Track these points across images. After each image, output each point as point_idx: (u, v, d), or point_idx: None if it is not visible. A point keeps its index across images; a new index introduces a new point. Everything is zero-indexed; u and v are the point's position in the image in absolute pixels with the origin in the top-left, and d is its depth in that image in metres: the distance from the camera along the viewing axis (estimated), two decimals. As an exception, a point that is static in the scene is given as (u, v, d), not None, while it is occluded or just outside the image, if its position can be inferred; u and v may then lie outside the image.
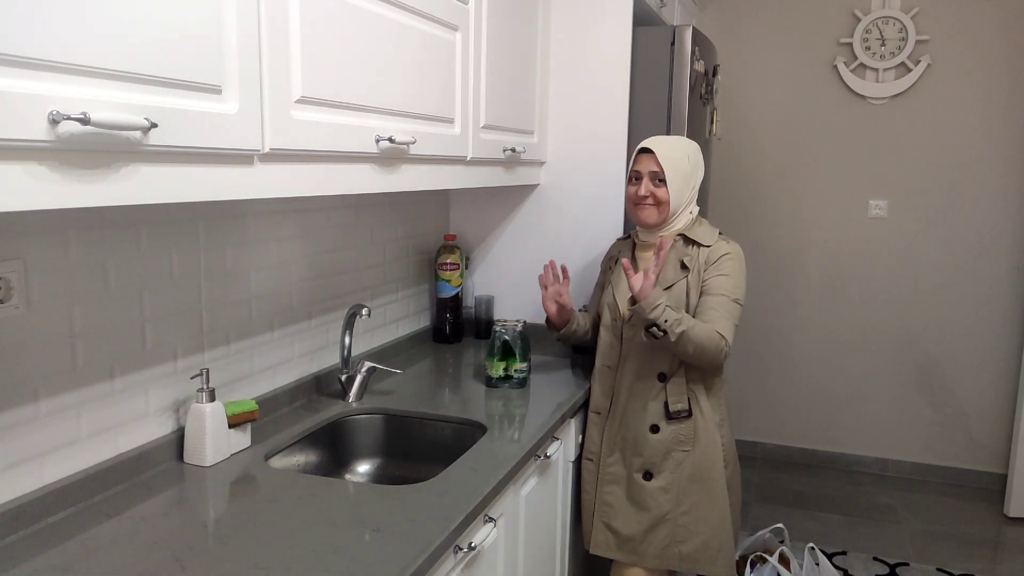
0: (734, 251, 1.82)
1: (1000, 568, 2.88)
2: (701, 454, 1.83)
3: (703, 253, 1.82)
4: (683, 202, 1.84)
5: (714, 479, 1.84)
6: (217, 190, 1.07)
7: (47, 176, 0.82)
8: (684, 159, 1.83)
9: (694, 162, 1.86)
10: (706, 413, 1.84)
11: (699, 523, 1.84)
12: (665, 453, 1.85)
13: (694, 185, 1.86)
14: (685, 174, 1.82)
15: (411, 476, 1.73)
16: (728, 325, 1.74)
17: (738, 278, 1.80)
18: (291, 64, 1.19)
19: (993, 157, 3.42)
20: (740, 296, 1.79)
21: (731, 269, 1.79)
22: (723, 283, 1.77)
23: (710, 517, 1.85)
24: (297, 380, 1.82)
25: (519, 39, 2.12)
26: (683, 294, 1.80)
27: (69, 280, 1.23)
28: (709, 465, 1.84)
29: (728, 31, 3.70)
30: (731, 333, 1.74)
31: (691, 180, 1.84)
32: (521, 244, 2.51)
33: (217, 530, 1.19)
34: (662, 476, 1.85)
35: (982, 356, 3.54)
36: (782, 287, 3.79)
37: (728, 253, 1.81)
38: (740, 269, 1.81)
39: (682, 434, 1.84)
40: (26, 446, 1.18)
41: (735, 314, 1.77)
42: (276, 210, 1.73)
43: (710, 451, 1.84)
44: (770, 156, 3.73)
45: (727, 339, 1.72)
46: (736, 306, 1.77)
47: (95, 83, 0.86)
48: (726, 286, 1.77)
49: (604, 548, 1.92)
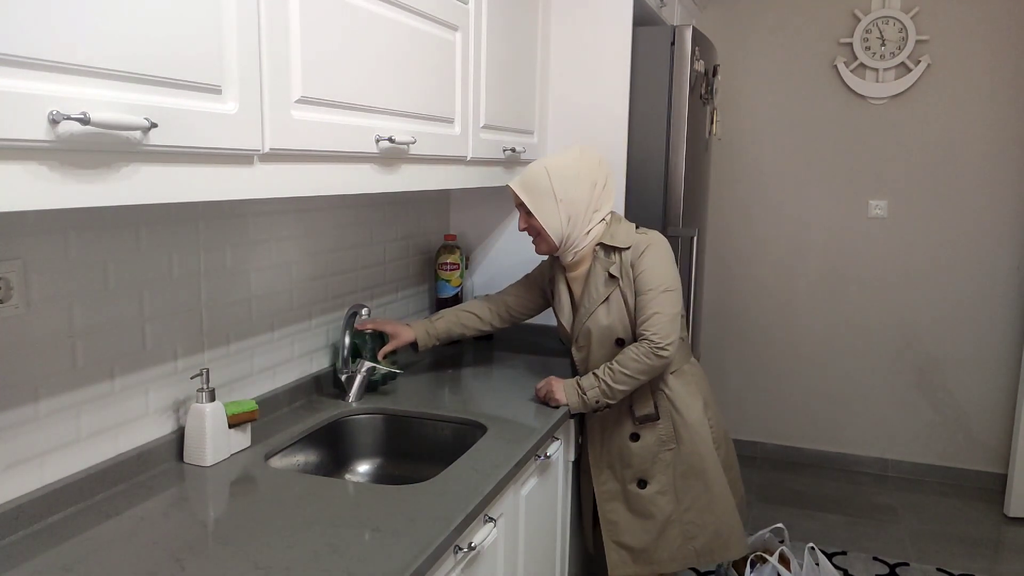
0: (651, 241, 1.79)
1: (1000, 568, 2.88)
2: (688, 448, 1.84)
3: (626, 256, 1.79)
4: (571, 220, 1.78)
5: (708, 469, 1.85)
6: (217, 190, 1.07)
7: (47, 176, 0.82)
8: (541, 178, 1.77)
9: (560, 174, 1.77)
10: (681, 406, 1.84)
11: (705, 515, 1.86)
12: (652, 457, 1.84)
13: (575, 196, 1.77)
14: (550, 192, 1.76)
15: (411, 476, 1.73)
16: (660, 319, 1.72)
17: (662, 267, 1.76)
18: (291, 64, 1.19)
19: (993, 157, 3.42)
20: (668, 283, 1.76)
21: (651, 261, 1.76)
22: (648, 278, 1.76)
23: (714, 507, 1.86)
24: (297, 380, 1.82)
25: (519, 39, 2.12)
26: (621, 304, 1.80)
27: (69, 280, 1.23)
28: (699, 457, 1.84)
29: (728, 31, 3.70)
30: (665, 325, 1.72)
31: (568, 192, 1.76)
32: (521, 244, 2.51)
33: (217, 530, 1.19)
34: (656, 481, 1.85)
35: (982, 356, 3.54)
36: (782, 287, 3.79)
37: (647, 247, 1.78)
38: (661, 256, 1.77)
39: (663, 435, 1.85)
40: (26, 446, 1.18)
41: (668, 302, 1.74)
42: (276, 210, 1.73)
43: (696, 442, 1.84)
44: (770, 156, 3.73)
45: (656, 339, 1.71)
46: (666, 295, 1.75)
47: (95, 83, 0.86)
48: (652, 280, 1.75)
49: (622, 567, 1.91)
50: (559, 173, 1.78)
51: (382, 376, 1.93)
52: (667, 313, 1.73)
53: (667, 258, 1.79)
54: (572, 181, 1.78)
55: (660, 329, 1.72)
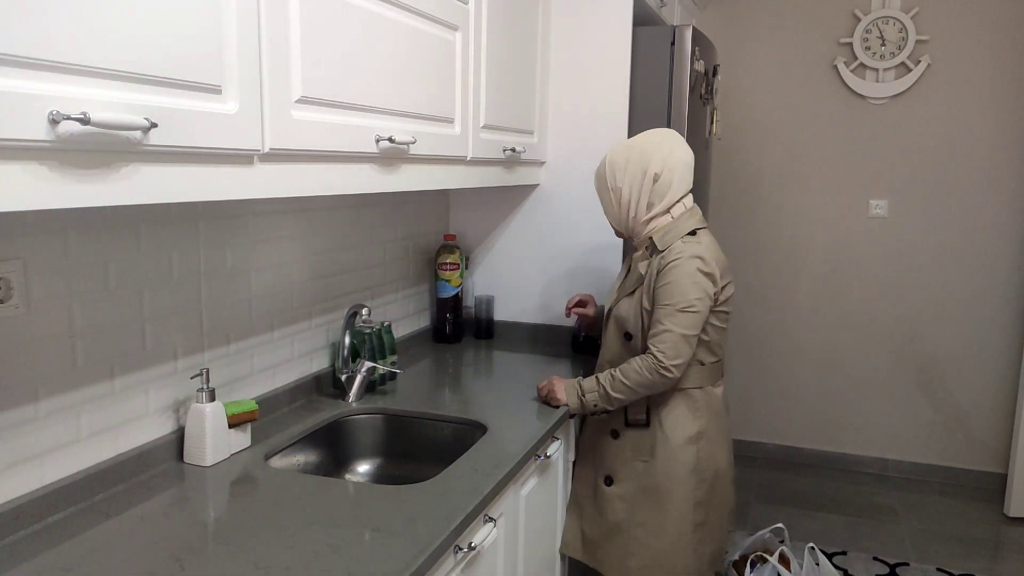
0: (684, 255, 1.69)
1: (1000, 568, 2.88)
2: (660, 467, 1.76)
3: (656, 260, 1.74)
4: (620, 209, 1.79)
5: (673, 495, 1.76)
6: (217, 190, 1.07)
7: (47, 176, 0.82)
8: (603, 164, 1.81)
9: (614, 161, 1.78)
10: (668, 426, 1.76)
11: (650, 538, 1.77)
12: (624, 461, 1.81)
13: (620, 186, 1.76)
14: (602, 180, 1.81)
15: (411, 476, 1.73)
16: (670, 337, 1.67)
17: (682, 284, 1.68)
18: (291, 64, 1.19)
19: (993, 156, 3.42)
20: (687, 303, 1.67)
21: (674, 276, 1.69)
22: (666, 292, 1.69)
23: (662, 534, 1.76)
24: (297, 380, 1.82)
25: (519, 39, 2.12)
26: (638, 304, 1.76)
27: (69, 280, 1.23)
28: (667, 480, 1.76)
29: (728, 31, 3.70)
30: (675, 345, 1.66)
31: (614, 181, 1.77)
32: (521, 244, 2.51)
33: (217, 530, 1.19)
34: (621, 484, 1.81)
35: (982, 355, 3.54)
36: (782, 287, 3.79)
37: (675, 260, 1.69)
38: (684, 274, 1.68)
39: (641, 444, 1.79)
40: (26, 446, 1.18)
41: (683, 323, 1.67)
42: (276, 210, 1.73)
43: (670, 465, 1.76)
44: (770, 156, 3.73)
45: (658, 358, 1.66)
46: (683, 315, 1.67)
47: (95, 83, 0.86)
48: (670, 295, 1.68)
49: (572, 548, 1.91)
50: (612, 161, 1.80)
51: (382, 376, 1.93)
52: (678, 332, 1.67)
53: (691, 278, 1.68)
54: (620, 170, 1.78)
55: (669, 348, 1.66)
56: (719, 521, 1.85)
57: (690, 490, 1.77)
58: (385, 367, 1.88)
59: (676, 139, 1.78)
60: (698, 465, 1.77)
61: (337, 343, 1.97)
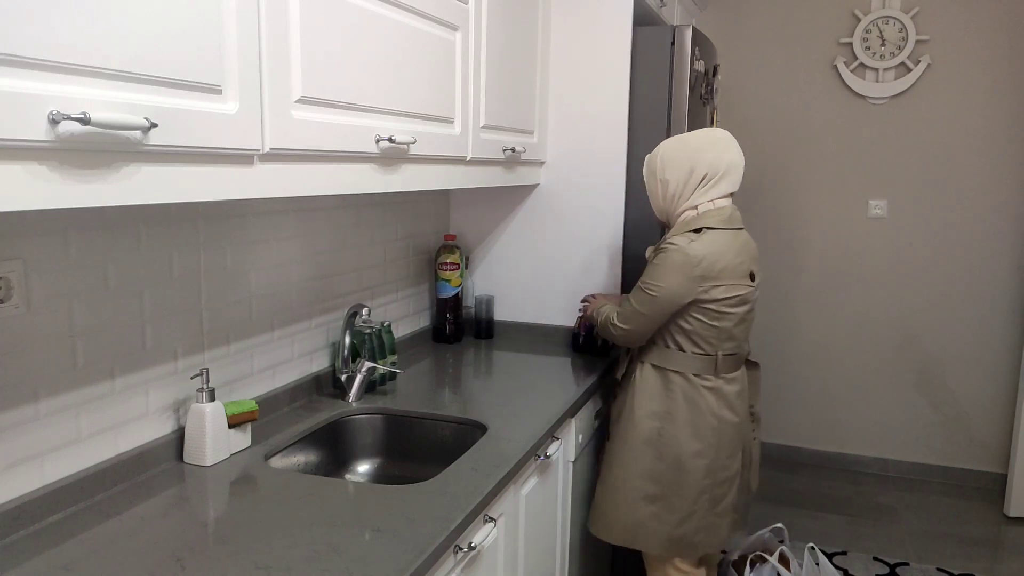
0: (673, 247, 1.78)
1: (1000, 568, 2.88)
2: (622, 431, 1.93)
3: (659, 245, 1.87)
4: (664, 199, 1.88)
5: (624, 458, 1.91)
6: (217, 190, 1.07)
7: (47, 176, 0.82)
8: (655, 154, 1.89)
9: (666, 153, 1.86)
10: (637, 395, 1.90)
11: (604, 490, 1.96)
12: (615, 417, 1.98)
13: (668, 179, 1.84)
14: (653, 169, 1.89)
15: (411, 476, 1.73)
16: (626, 305, 1.86)
17: (660, 270, 1.79)
18: (291, 64, 1.19)
19: (993, 157, 3.41)
20: (652, 286, 1.80)
21: (657, 260, 1.81)
22: (646, 271, 1.84)
23: (612, 492, 1.93)
24: (297, 380, 1.82)
25: (519, 39, 2.12)
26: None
27: (69, 280, 1.23)
28: (623, 445, 1.92)
29: (728, 31, 3.70)
30: (626, 313, 1.85)
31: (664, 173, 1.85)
32: (521, 244, 2.51)
33: (217, 530, 1.19)
34: (611, 439, 1.99)
35: (982, 355, 3.54)
36: (782, 287, 3.79)
37: (664, 249, 1.81)
38: (663, 263, 1.78)
39: (619, 407, 1.97)
40: (26, 446, 1.18)
41: (638, 299, 1.83)
42: (276, 210, 1.73)
43: (627, 431, 1.91)
44: (770, 156, 3.73)
45: (611, 317, 1.89)
46: (642, 293, 1.82)
47: (95, 83, 0.86)
48: (645, 275, 1.83)
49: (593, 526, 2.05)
50: (664, 152, 1.86)
51: (382, 376, 1.93)
52: (633, 305, 1.84)
53: (668, 269, 1.77)
54: (671, 163, 1.84)
55: (623, 311, 1.86)
56: (684, 508, 1.87)
57: (642, 459, 1.89)
58: (385, 367, 1.88)
59: (728, 142, 1.84)
60: (658, 441, 1.88)
61: (337, 343, 1.97)
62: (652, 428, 1.87)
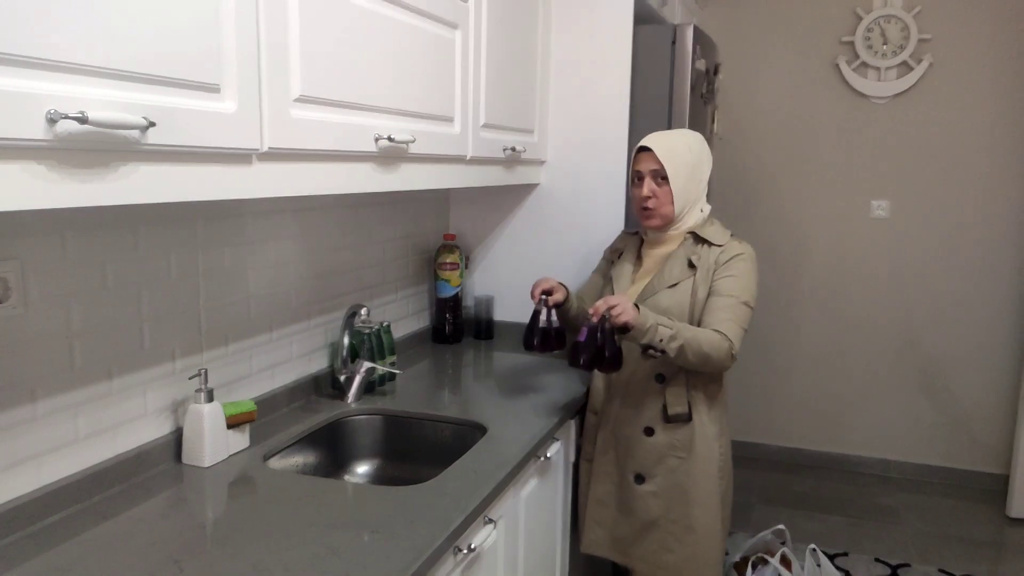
0: (746, 252, 1.76)
1: (1002, 569, 2.87)
2: (697, 463, 1.77)
3: (713, 252, 1.75)
4: (691, 199, 1.77)
5: (708, 490, 1.78)
6: (216, 189, 1.06)
7: (45, 175, 0.82)
8: (686, 151, 1.75)
9: (697, 153, 1.78)
10: (705, 421, 1.78)
11: (688, 533, 1.78)
12: (659, 458, 1.79)
13: (700, 178, 1.79)
14: (689, 166, 1.75)
15: (410, 477, 1.72)
16: (734, 328, 1.67)
17: (748, 280, 1.73)
18: (290, 63, 1.18)
19: (996, 156, 3.41)
20: (750, 299, 1.72)
21: (741, 270, 1.73)
22: (732, 284, 1.71)
23: (700, 528, 1.78)
24: (296, 380, 1.81)
25: (519, 37, 2.11)
26: (687, 293, 1.73)
27: (67, 280, 1.23)
28: (704, 475, 1.77)
29: (729, 29, 3.69)
30: (737, 336, 1.67)
31: (697, 172, 1.77)
32: (521, 244, 2.50)
33: (215, 531, 1.18)
34: (654, 481, 1.80)
35: (984, 357, 3.53)
36: (784, 287, 3.79)
37: (741, 254, 1.74)
38: (751, 271, 1.75)
39: (678, 440, 1.77)
40: (24, 446, 1.18)
41: (743, 317, 1.70)
42: (274, 209, 1.72)
43: (706, 461, 1.77)
44: (771, 155, 3.72)
45: (732, 341, 1.65)
46: (745, 309, 1.70)
47: (93, 82, 0.85)
48: (735, 288, 1.71)
49: (596, 547, 1.90)
50: (697, 150, 1.78)
51: (381, 377, 1.93)
52: (740, 326, 1.69)
53: (755, 274, 1.76)
54: (704, 162, 1.80)
55: (736, 337, 1.67)
56: (728, 514, 1.90)
57: (718, 488, 1.80)
58: (384, 367, 1.88)
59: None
60: (721, 463, 1.82)
61: (336, 343, 1.96)
62: (717, 450, 1.80)
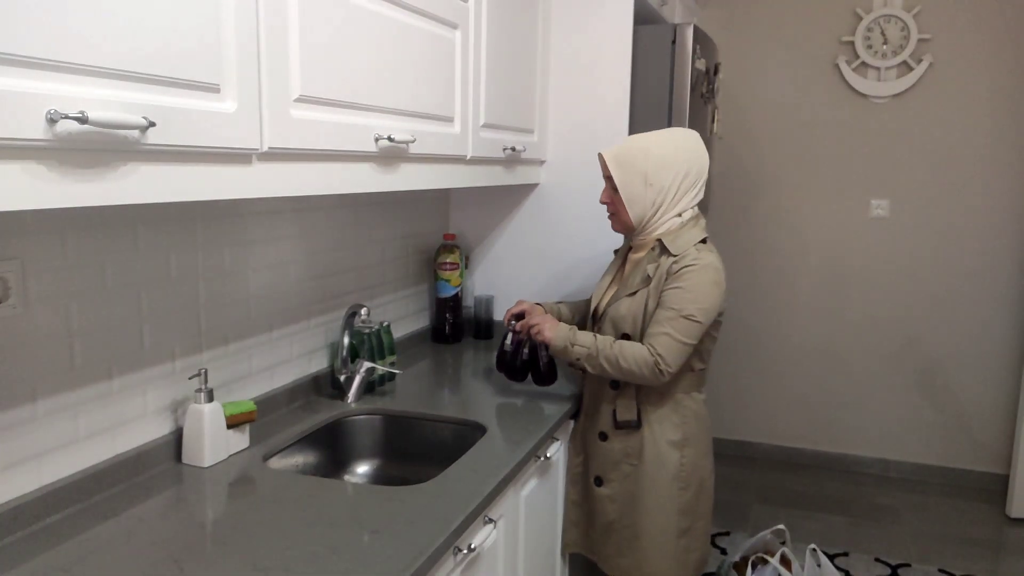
0: (701, 262, 1.63)
1: (1002, 569, 2.87)
2: (647, 470, 1.74)
3: (668, 263, 1.67)
4: (648, 206, 1.69)
5: (660, 499, 1.74)
6: (215, 189, 1.06)
7: (45, 175, 0.82)
8: (640, 157, 1.67)
9: (659, 158, 1.66)
10: (657, 429, 1.73)
11: (636, 541, 1.77)
12: (614, 463, 1.78)
13: (664, 184, 1.67)
14: (643, 173, 1.67)
15: (410, 477, 1.72)
16: (667, 341, 1.60)
17: (697, 292, 1.62)
18: (290, 63, 1.18)
19: (996, 156, 3.41)
20: (696, 311, 1.61)
21: (690, 282, 1.62)
22: (676, 296, 1.62)
23: (646, 536, 1.75)
24: (296, 380, 1.81)
25: (519, 37, 2.11)
26: (642, 305, 1.69)
27: (67, 280, 1.23)
28: (653, 485, 1.74)
29: (729, 29, 3.69)
30: (670, 349, 1.60)
31: (657, 178, 1.67)
32: (521, 244, 2.50)
33: (215, 531, 1.18)
34: (610, 485, 1.79)
35: (984, 356, 3.53)
36: (783, 287, 3.79)
37: (691, 265, 1.63)
38: (703, 282, 1.63)
39: (630, 447, 1.75)
40: (24, 446, 1.18)
41: (683, 330, 1.61)
42: (274, 209, 1.72)
43: (656, 470, 1.73)
44: (771, 155, 3.72)
45: (662, 358, 1.60)
46: (686, 322, 1.61)
47: (93, 82, 0.85)
48: (678, 300, 1.62)
49: (573, 545, 1.92)
50: (658, 155, 1.67)
51: (381, 376, 1.93)
52: (679, 340, 1.61)
53: (706, 287, 1.63)
54: (666, 167, 1.67)
55: (668, 353, 1.61)
56: (705, 529, 1.84)
57: (674, 496, 1.75)
58: (384, 367, 1.88)
59: (704, 146, 1.75)
60: (681, 472, 1.75)
61: (336, 343, 1.96)
62: (675, 460, 1.73)
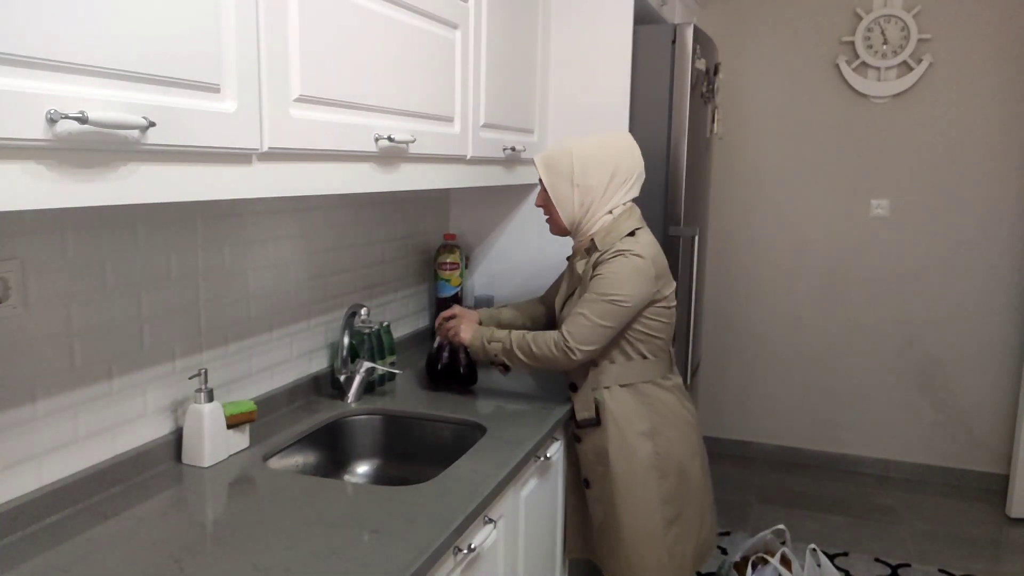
0: (625, 252, 1.66)
1: (1002, 569, 2.87)
2: (618, 467, 1.74)
3: (595, 257, 1.71)
4: (577, 207, 1.73)
5: (637, 494, 1.74)
6: (215, 189, 1.06)
7: (45, 175, 0.82)
8: (565, 160, 1.72)
9: (585, 158, 1.71)
10: (623, 423, 1.74)
11: (620, 540, 1.77)
12: (591, 464, 1.80)
13: (591, 184, 1.71)
14: (567, 175, 1.72)
15: (410, 477, 1.72)
16: (580, 321, 1.64)
17: (618, 278, 1.64)
18: (290, 63, 1.18)
19: (995, 156, 3.41)
20: (617, 294, 1.63)
21: (609, 269, 1.65)
22: (595, 283, 1.66)
23: (629, 534, 1.75)
24: (296, 380, 1.81)
25: (519, 37, 2.11)
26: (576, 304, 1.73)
27: (67, 280, 1.23)
28: (628, 479, 1.74)
29: (729, 29, 3.69)
30: (582, 329, 1.64)
31: (585, 178, 1.70)
32: (521, 244, 2.50)
33: (215, 531, 1.18)
34: (595, 485, 1.81)
35: (983, 356, 3.53)
36: (783, 286, 3.79)
37: (614, 256, 1.66)
38: (625, 269, 1.65)
39: (598, 445, 1.77)
40: (24, 446, 1.18)
41: (600, 312, 1.64)
42: (274, 209, 1.72)
43: (627, 464, 1.74)
44: (771, 155, 3.72)
45: (570, 335, 1.64)
46: (605, 304, 1.64)
47: (93, 82, 0.85)
48: (599, 286, 1.65)
49: (576, 550, 1.92)
50: (581, 156, 1.71)
51: (381, 376, 1.93)
52: (592, 320, 1.64)
53: (629, 275, 1.65)
54: (592, 167, 1.71)
55: (577, 331, 1.64)
56: (697, 516, 1.83)
57: (652, 486, 1.74)
58: (384, 367, 1.88)
59: (636, 145, 1.78)
60: (657, 461, 1.75)
61: (336, 343, 1.96)
62: (648, 449, 1.74)
